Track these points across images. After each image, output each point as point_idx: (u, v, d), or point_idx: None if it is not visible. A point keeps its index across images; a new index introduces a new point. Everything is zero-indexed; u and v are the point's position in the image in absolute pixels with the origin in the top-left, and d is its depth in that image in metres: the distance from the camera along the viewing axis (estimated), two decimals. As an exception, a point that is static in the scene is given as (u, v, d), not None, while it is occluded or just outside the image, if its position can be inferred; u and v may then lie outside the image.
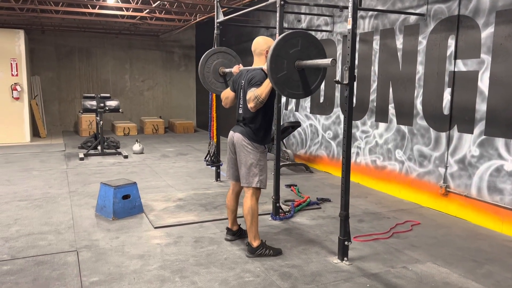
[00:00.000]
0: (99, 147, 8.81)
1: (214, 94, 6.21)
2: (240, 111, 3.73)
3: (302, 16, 7.76)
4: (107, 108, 8.52)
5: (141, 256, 3.67)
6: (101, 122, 8.53)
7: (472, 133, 4.71)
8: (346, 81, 3.42)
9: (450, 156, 4.98)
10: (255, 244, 3.66)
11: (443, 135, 5.06)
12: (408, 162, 5.60)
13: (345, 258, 3.62)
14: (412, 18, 5.44)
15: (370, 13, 6.09)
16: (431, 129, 5.24)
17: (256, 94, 3.39)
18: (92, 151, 8.70)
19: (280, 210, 4.77)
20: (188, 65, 14.16)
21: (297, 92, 3.32)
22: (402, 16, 5.58)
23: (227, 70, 4.72)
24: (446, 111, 5.01)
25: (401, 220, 4.79)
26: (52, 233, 4.20)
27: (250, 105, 3.42)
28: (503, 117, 4.36)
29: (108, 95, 9.01)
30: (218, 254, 3.74)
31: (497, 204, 4.46)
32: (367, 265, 3.56)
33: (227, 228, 4.10)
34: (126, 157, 8.40)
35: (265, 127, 3.66)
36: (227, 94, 3.95)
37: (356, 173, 6.54)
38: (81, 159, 8.08)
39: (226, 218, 4.62)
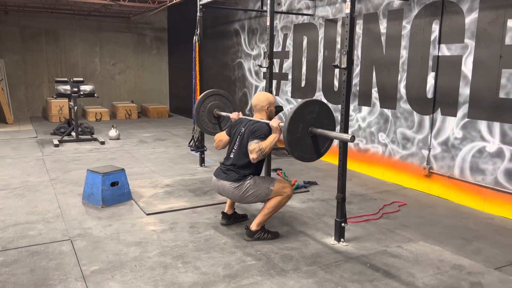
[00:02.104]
0: (73, 133, 8.54)
1: (197, 77, 6.11)
2: (231, 156, 3.78)
3: (283, -1, 7.71)
4: (81, 93, 8.24)
5: (139, 243, 3.62)
6: (75, 107, 8.25)
7: (455, 116, 4.87)
8: (344, 66, 3.45)
9: (434, 139, 5.14)
10: (255, 228, 3.69)
11: (427, 118, 5.21)
12: (391, 144, 5.74)
13: (342, 239, 3.71)
14: (396, 3, 5.52)
15: (353, -3, 6.11)
16: (414, 112, 5.38)
17: (261, 147, 3.46)
18: (66, 137, 8.43)
19: (271, 194, 4.80)
20: (160, 48, 13.83)
21: (305, 155, 3.37)
22: (386, 1, 5.65)
23: (224, 113, 4.71)
24: (429, 94, 5.15)
25: (387, 201, 4.93)
26: (41, 222, 4.06)
27: (253, 156, 3.47)
28: (486, 101, 4.53)
29: (81, 79, 8.70)
30: (216, 239, 3.74)
31: (479, 184, 4.66)
32: (364, 246, 3.66)
33: (223, 213, 4.10)
34: (103, 143, 8.19)
35: (254, 173, 3.73)
36: (221, 137, 4.00)
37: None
38: (56, 145, 7.81)
39: (218, 203, 4.65)
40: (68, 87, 8.17)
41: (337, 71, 6.55)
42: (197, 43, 6.10)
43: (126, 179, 4.78)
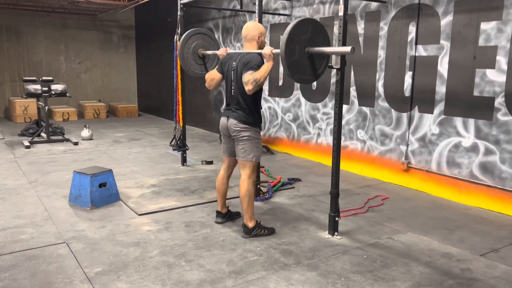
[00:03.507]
0: (43, 134, 8.27)
1: (179, 78, 6.10)
2: (233, 94, 3.74)
3: (258, -1, 7.77)
4: (53, 92, 8.00)
5: (137, 244, 3.61)
6: (47, 107, 7.99)
7: (432, 113, 5.13)
8: (338, 66, 3.59)
9: (411, 135, 5.40)
10: (251, 224, 3.76)
11: (404, 115, 5.46)
12: (370, 141, 5.97)
13: (336, 233, 3.85)
14: (374, 5, 5.73)
15: (331, -2, 6.30)
16: (392, 110, 5.62)
17: (255, 77, 3.44)
18: (36, 138, 8.15)
19: (260, 191, 4.89)
20: (127, 46, 13.58)
21: (305, 77, 3.41)
22: (364, 2, 5.85)
23: (209, 52, 4.63)
24: (407, 93, 5.40)
25: (370, 195, 5.13)
26: (30, 226, 3.96)
27: (248, 87, 3.46)
28: (461, 98, 4.81)
29: (51, 78, 8.44)
30: (214, 237, 3.79)
31: (455, 177, 4.95)
32: (357, 238, 3.82)
33: (217, 211, 4.14)
34: (76, 143, 7.99)
35: (257, 109, 3.75)
36: (213, 75, 3.93)
37: (317, 153, 6.83)
38: (27, 147, 7.55)
39: (208, 202, 4.69)
40: (38, 86, 7.90)
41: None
42: (178, 42, 6.08)
43: (114, 180, 4.73)
